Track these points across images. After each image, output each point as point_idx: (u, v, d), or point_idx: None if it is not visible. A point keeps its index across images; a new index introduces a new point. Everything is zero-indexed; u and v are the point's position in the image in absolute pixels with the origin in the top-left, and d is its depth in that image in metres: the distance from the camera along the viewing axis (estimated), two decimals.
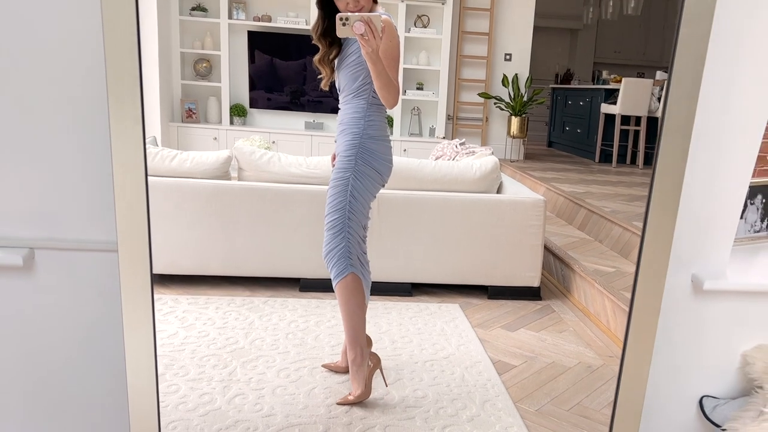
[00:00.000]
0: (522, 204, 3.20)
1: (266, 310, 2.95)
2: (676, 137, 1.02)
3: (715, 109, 1.08)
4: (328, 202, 2.13)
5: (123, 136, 1.00)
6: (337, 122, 2.17)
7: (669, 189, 1.06)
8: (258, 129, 6.24)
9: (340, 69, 2.10)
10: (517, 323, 2.95)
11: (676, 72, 0.98)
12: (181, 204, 3.10)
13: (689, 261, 1.20)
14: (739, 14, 1.05)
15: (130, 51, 0.96)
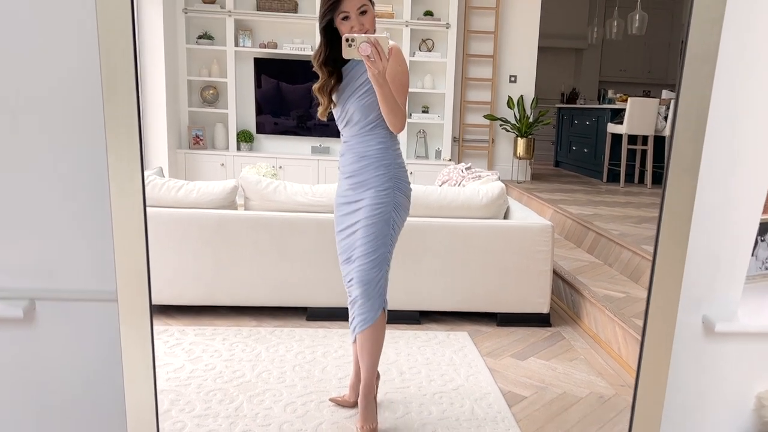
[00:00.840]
0: (530, 230, 3.17)
1: (273, 340, 2.93)
2: (683, 177, 1.01)
3: (722, 146, 1.07)
4: (367, 236, 2.05)
5: (122, 189, 0.99)
6: (354, 155, 2.08)
7: (677, 230, 1.04)
8: (265, 154, 6.27)
9: (348, 100, 2.04)
10: (527, 351, 2.91)
11: (681, 109, 0.96)
12: (188, 234, 3.10)
13: (700, 301, 1.17)
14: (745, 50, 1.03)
15: (128, 106, 0.95)
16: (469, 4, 6.46)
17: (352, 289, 2.13)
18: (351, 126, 2.07)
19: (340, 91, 2.06)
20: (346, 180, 2.12)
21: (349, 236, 2.13)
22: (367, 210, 2.06)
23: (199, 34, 6.16)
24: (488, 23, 6.54)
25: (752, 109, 1.06)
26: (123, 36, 1.04)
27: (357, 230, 2.09)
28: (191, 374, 2.56)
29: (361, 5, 1.89)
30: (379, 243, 2.07)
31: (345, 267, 2.18)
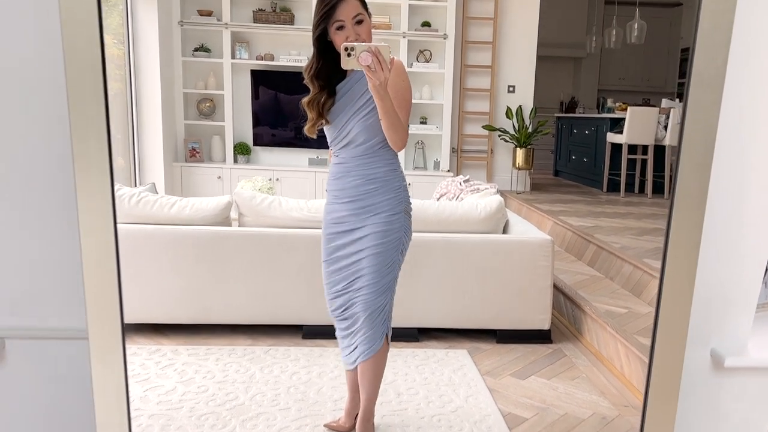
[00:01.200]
0: (529, 244, 3.12)
1: (268, 360, 2.86)
2: (689, 209, 0.95)
3: (729, 175, 1.01)
4: (376, 264, 1.97)
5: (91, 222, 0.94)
6: (357, 177, 1.96)
7: (684, 262, 0.98)
8: (261, 167, 6.21)
9: (350, 120, 1.93)
10: (528, 370, 2.85)
11: (686, 139, 0.91)
12: (181, 252, 3.04)
13: (707, 335, 1.11)
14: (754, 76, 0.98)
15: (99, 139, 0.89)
16: (466, 15, 6.42)
17: (351, 319, 2.05)
18: (353, 147, 1.96)
19: (338, 109, 1.94)
20: (344, 204, 2.00)
21: (348, 266, 2.01)
22: (376, 237, 1.96)
23: (195, 46, 6.12)
24: (486, 33, 6.50)
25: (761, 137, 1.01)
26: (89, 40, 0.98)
27: (362, 258, 1.98)
28: (183, 397, 2.50)
29: (357, 13, 1.81)
30: (387, 270, 2.00)
31: (337, 299, 2.07)
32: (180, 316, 3.11)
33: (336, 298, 2.07)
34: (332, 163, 2.05)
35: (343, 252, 2.02)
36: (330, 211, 2.06)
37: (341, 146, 1.98)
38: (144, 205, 3.07)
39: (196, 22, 6.02)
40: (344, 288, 2.04)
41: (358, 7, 1.82)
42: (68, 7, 0.92)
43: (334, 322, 2.15)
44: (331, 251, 2.05)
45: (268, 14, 6.06)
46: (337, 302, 2.07)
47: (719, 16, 0.84)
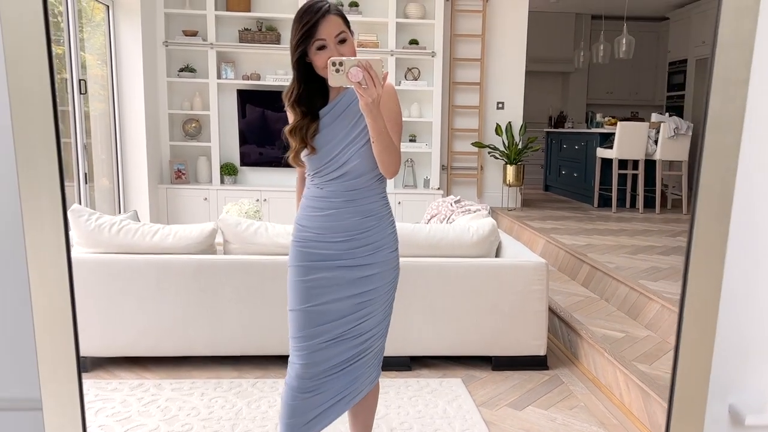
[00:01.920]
0: (523, 268, 3.04)
1: (255, 394, 2.75)
2: (707, 260, 0.87)
3: (749, 222, 0.94)
4: (381, 306, 1.81)
5: (42, 277, 0.84)
6: (354, 213, 1.76)
7: (703, 316, 0.90)
8: (249, 188, 6.12)
9: (345, 148, 1.73)
10: (525, 400, 2.76)
11: (703, 185, 0.83)
12: (164, 282, 2.94)
13: (726, 389, 1.03)
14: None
15: (50, 173, 0.80)
16: (454, 32, 6.39)
17: (354, 373, 1.80)
18: (348, 180, 1.75)
19: (327, 137, 1.73)
20: (337, 243, 1.76)
21: (354, 309, 1.77)
22: (382, 277, 1.79)
23: (180, 66, 6.04)
24: (474, 50, 6.47)
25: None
26: None
27: (366, 300, 1.77)
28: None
29: (340, 31, 1.65)
30: (390, 310, 1.87)
31: (327, 350, 1.77)
32: (163, 349, 3.00)
33: (323, 349, 1.77)
34: (312, 196, 1.80)
35: (337, 295, 1.77)
36: (311, 249, 1.78)
37: (331, 178, 1.75)
38: (125, 233, 2.96)
39: (181, 42, 5.94)
40: (340, 336, 1.78)
41: (340, 25, 1.66)
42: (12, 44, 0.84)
43: (307, 386, 1.78)
44: (315, 295, 1.77)
45: (254, 33, 6.00)
46: (325, 355, 1.78)
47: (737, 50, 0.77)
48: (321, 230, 1.78)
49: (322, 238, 1.78)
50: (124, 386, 2.81)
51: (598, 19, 9.05)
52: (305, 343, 1.77)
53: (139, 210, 5.58)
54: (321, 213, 1.78)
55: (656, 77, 9.75)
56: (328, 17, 1.64)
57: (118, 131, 5.51)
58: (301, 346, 1.78)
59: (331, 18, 1.65)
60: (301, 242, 1.80)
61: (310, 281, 1.78)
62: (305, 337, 1.77)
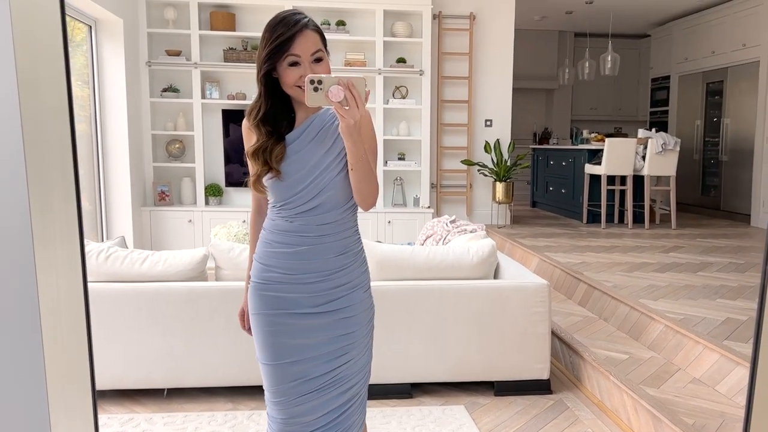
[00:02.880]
0: (524, 290, 2.97)
1: (251, 427, 2.64)
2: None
3: None
4: (362, 352, 1.61)
5: (55, 337, 0.75)
6: (330, 250, 1.56)
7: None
8: (234, 208, 6.00)
9: (320, 176, 1.53)
10: (531, 427, 2.67)
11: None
12: (154, 310, 2.82)
13: None
14: None
15: (70, 224, 0.71)
16: (441, 51, 6.37)
17: (339, 423, 1.59)
18: (324, 211, 1.55)
19: (297, 164, 1.53)
20: (308, 285, 1.55)
21: (328, 358, 1.56)
22: (360, 319, 1.60)
23: (163, 87, 5.93)
24: (462, 69, 6.45)
25: None
26: None
27: (343, 346, 1.57)
28: None
29: (317, 50, 1.49)
30: (371, 354, 1.67)
31: (306, 404, 1.56)
32: (154, 381, 2.87)
33: (304, 404, 1.56)
34: (277, 230, 1.57)
35: (311, 345, 1.56)
36: (277, 293, 1.56)
37: (302, 211, 1.55)
38: (113, 261, 2.84)
39: (164, 62, 5.84)
40: (320, 387, 1.56)
41: (317, 43, 1.50)
42: None
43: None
44: (286, 349, 1.56)
45: (238, 53, 5.92)
46: (305, 408, 1.56)
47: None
48: (289, 270, 1.56)
49: (290, 279, 1.56)
50: (114, 421, 2.67)
51: (582, 37, 9.13)
52: (282, 399, 1.57)
53: (121, 233, 5.43)
54: (290, 250, 1.56)
55: (639, 93, 9.84)
56: (306, 32, 1.48)
57: (100, 153, 5.38)
58: (279, 401, 1.58)
59: (309, 34, 1.49)
60: (264, 284, 1.58)
61: (278, 333, 1.57)
62: (281, 392, 1.57)
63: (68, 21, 4.92)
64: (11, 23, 0.71)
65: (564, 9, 7.98)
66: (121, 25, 5.30)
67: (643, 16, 8.17)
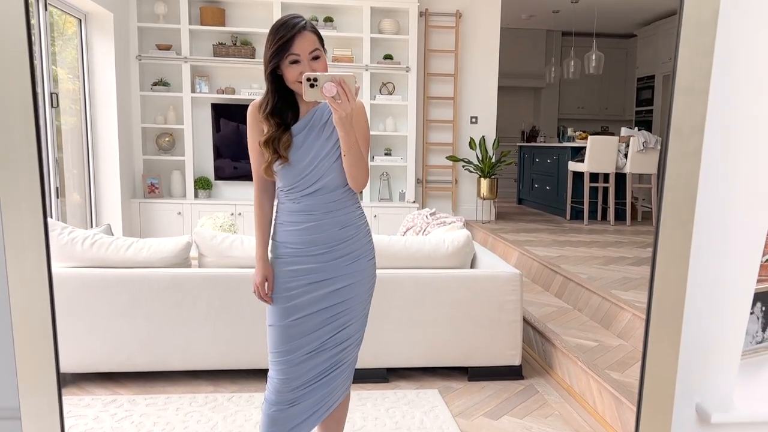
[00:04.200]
0: (498, 279, 3.07)
1: (231, 408, 2.73)
2: (673, 263, 0.91)
3: (712, 225, 0.98)
4: (359, 315, 1.85)
5: (22, 293, 0.84)
6: (334, 224, 1.78)
7: (670, 319, 0.94)
8: (223, 201, 6.09)
9: (320, 162, 1.75)
10: (501, 409, 2.78)
11: (667, 190, 0.87)
12: (138, 296, 2.91)
13: (692, 389, 1.06)
14: (733, 123, 0.95)
15: (30, 183, 0.80)
16: (428, 48, 6.47)
17: (331, 383, 1.83)
18: (325, 193, 1.78)
19: (303, 152, 1.75)
20: (316, 257, 1.79)
21: (326, 320, 1.80)
22: (360, 285, 1.82)
23: (153, 80, 6.01)
24: (448, 66, 6.56)
25: (741, 185, 0.97)
26: None
27: (344, 310, 1.81)
28: None
29: (314, 49, 1.69)
30: (366, 320, 1.90)
31: (308, 362, 1.80)
32: (137, 364, 2.96)
33: (303, 362, 1.80)
34: (288, 211, 1.81)
35: (315, 308, 1.80)
36: (288, 264, 1.81)
37: (307, 193, 1.77)
38: (98, 247, 2.93)
39: (154, 56, 5.92)
40: (318, 348, 1.80)
41: (315, 42, 1.70)
42: None
43: (286, 399, 1.82)
44: (295, 310, 1.80)
45: (228, 48, 6.00)
46: (303, 368, 1.80)
47: (698, 60, 0.81)
48: (301, 244, 1.80)
49: (301, 252, 1.80)
50: (97, 402, 2.76)
51: (569, 36, 9.25)
52: (284, 358, 1.80)
53: (111, 225, 5.51)
54: (299, 227, 1.79)
55: (625, 92, 9.97)
56: (304, 33, 1.68)
57: (90, 145, 5.46)
58: (281, 360, 1.81)
59: (307, 35, 1.69)
60: (281, 258, 1.82)
61: (290, 297, 1.81)
62: (284, 352, 1.80)
63: (58, 14, 5.00)
64: None
65: (551, 8, 8.10)
66: (112, 19, 5.37)
67: (629, 15, 8.30)
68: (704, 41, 0.79)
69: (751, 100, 0.96)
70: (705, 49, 0.86)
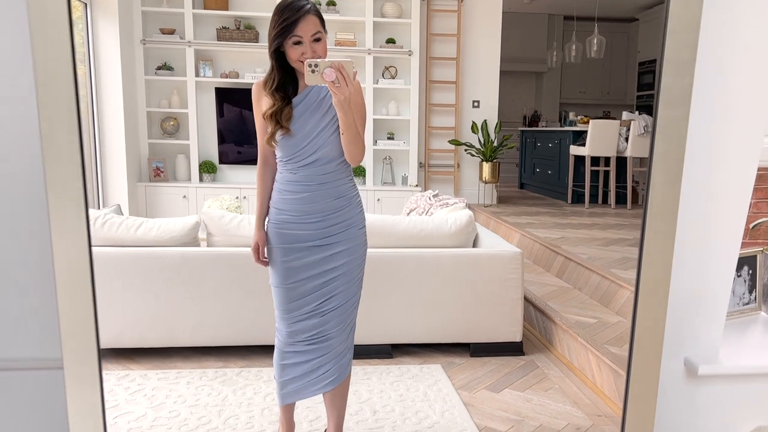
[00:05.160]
0: (499, 257, 3.14)
1: (240, 382, 2.82)
2: (662, 221, 0.97)
3: (699, 188, 1.04)
4: (352, 280, 2.00)
5: (66, 252, 0.91)
6: (328, 195, 1.94)
7: (658, 274, 1.00)
8: (228, 185, 6.15)
9: (318, 136, 1.88)
10: (502, 383, 2.86)
11: (657, 154, 0.93)
12: (148, 274, 2.98)
13: (681, 345, 1.14)
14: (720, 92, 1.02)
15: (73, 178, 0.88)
16: (430, 32, 6.50)
17: (323, 342, 2.00)
18: (320, 165, 1.92)
19: (302, 124, 1.88)
20: (311, 224, 1.95)
21: (320, 285, 1.97)
22: (350, 252, 1.99)
23: (158, 65, 6.06)
24: (450, 50, 6.59)
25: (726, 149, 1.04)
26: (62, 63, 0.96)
27: (336, 276, 1.97)
28: (154, 423, 2.44)
29: (316, 31, 1.80)
30: (359, 285, 2.05)
31: (304, 322, 1.99)
32: (149, 340, 3.05)
33: (303, 320, 1.99)
34: (286, 181, 1.96)
35: (311, 273, 1.97)
36: (285, 229, 1.97)
37: (304, 164, 1.92)
38: (109, 227, 3.00)
39: (158, 40, 5.96)
40: (315, 309, 1.98)
41: (317, 25, 1.81)
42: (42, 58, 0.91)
43: (291, 350, 2.03)
44: (293, 273, 1.97)
45: (232, 32, 6.04)
46: (304, 325, 2.00)
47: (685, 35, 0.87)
48: (297, 212, 1.96)
49: (297, 219, 1.96)
50: (111, 376, 2.85)
51: (571, 20, 9.25)
52: (287, 315, 2.01)
53: None
54: (296, 196, 1.95)
55: (627, 77, 9.98)
56: (308, 17, 1.79)
57: (96, 130, 5.51)
58: (286, 317, 2.02)
59: (310, 18, 1.80)
60: (278, 224, 1.99)
61: (288, 261, 1.98)
62: (287, 310, 2.01)
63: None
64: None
65: None
66: (116, 4, 5.41)
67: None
68: (691, 13, 0.85)
69: (743, 51, 1.02)
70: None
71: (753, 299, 1.46)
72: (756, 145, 1.06)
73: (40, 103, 0.92)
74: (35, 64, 0.90)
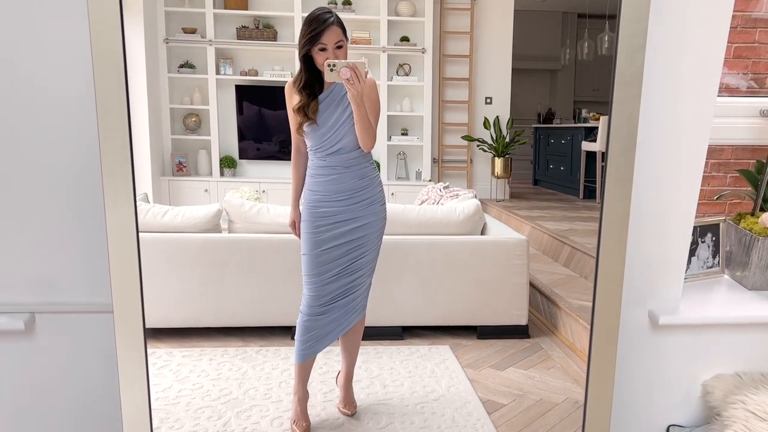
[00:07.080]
0: (505, 244, 3.29)
1: (259, 359, 3.00)
2: (619, 187, 1.12)
3: (653, 157, 1.19)
4: (375, 249, 2.42)
5: (116, 210, 1.09)
6: (353, 177, 2.34)
7: (616, 235, 1.15)
8: (248, 179, 6.35)
9: (340, 127, 2.27)
10: (506, 362, 3.01)
11: (614, 126, 1.08)
12: (173, 258, 3.18)
13: (644, 299, 1.29)
14: (668, 71, 1.16)
15: (121, 136, 1.05)
16: (444, 30, 6.65)
17: (352, 293, 2.37)
18: (345, 153, 2.31)
19: (327, 118, 2.28)
20: (339, 202, 2.36)
21: (350, 250, 2.38)
22: (376, 223, 2.40)
23: (180, 63, 6.27)
24: (463, 47, 6.73)
25: (679, 122, 1.18)
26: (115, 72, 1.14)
27: (365, 243, 2.39)
28: (179, 393, 2.63)
29: (339, 40, 2.17)
30: (377, 252, 2.49)
31: (337, 281, 2.40)
32: (173, 320, 3.24)
33: (335, 280, 2.40)
34: (317, 166, 2.37)
35: (340, 241, 2.38)
36: (318, 207, 2.39)
37: (331, 152, 2.32)
38: (138, 214, 3.19)
39: (180, 39, 6.17)
40: (341, 271, 2.40)
41: (339, 35, 2.17)
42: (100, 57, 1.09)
43: (316, 312, 2.42)
44: (323, 242, 2.39)
45: (251, 31, 6.23)
46: (337, 284, 2.41)
47: (635, 23, 1.02)
48: (327, 192, 2.38)
49: (328, 198, 2.38)
50: None
51: (584, 18, 9.32)
52: (314, 279, 2.43)
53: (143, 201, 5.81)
54: (326, 178, 2.37)
55: None
56: (332, 27, 2.16)
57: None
58: (312, 281, 2.44)
59: (333, 28, 2.17)
60: (312, 203, 2.41)
61: (320, 233, 2.40)
62: (315, 275, 2.43)
63: None
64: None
65: None
66: (141, 4, 5.63)
67: None
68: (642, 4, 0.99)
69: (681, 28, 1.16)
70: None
71: (717, 263, 1.60)
72: (705, 124, 1.21)
73: (98, 96, 1.10)
74: (93, 58, 1.07)
